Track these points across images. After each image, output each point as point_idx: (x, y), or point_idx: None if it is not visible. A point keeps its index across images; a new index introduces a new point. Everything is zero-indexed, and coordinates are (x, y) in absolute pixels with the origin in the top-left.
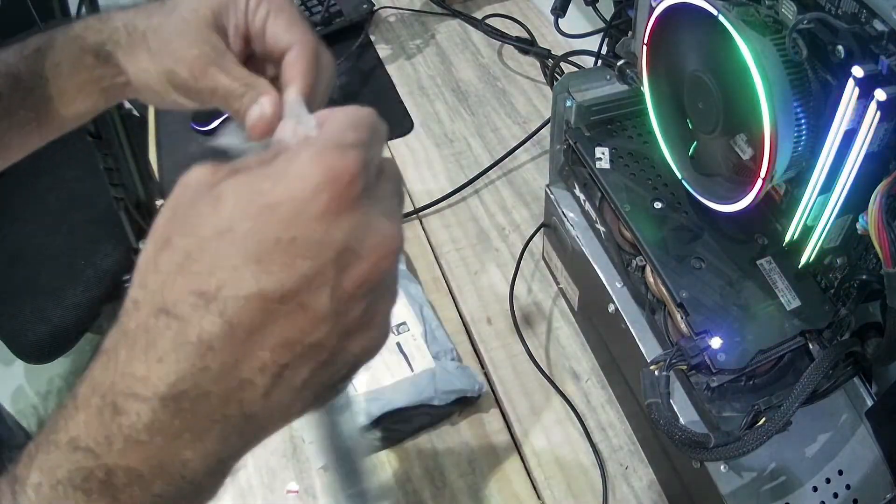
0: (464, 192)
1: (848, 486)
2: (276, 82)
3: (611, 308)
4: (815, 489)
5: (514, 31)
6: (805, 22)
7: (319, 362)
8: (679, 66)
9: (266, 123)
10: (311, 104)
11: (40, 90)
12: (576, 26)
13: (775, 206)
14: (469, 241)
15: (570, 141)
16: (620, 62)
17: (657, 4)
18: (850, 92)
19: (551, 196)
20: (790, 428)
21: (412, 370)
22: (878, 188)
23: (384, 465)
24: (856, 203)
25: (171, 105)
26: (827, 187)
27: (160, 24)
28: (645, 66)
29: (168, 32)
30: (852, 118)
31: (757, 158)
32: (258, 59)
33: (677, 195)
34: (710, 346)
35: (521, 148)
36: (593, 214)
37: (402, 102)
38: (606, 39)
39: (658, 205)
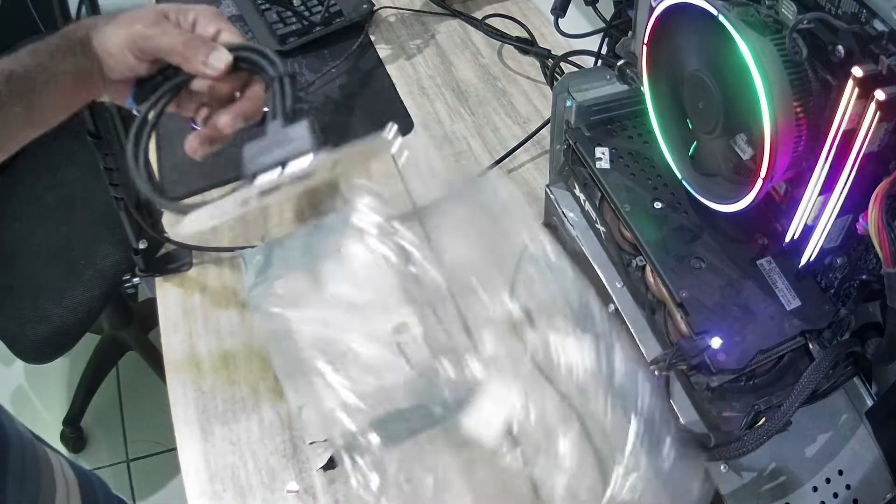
0: None
1: (848, 486)
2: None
3: (611, 308)
4: (815, 489)
5: (514, 31)
6: (805, 22)
7: None
8: (679, 66)
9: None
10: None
11: (30, 81)
12: (576, 26)
13: (775, 206)
14: None
15: (570, 141)
16: (620, 62)
17: (657, 4)
18: (850, 92)
19: (551, 196)
20: (790, 428)
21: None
22: (878, 188)
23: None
24: (856, 203)
25: (125, 70)
26: (827, 187)
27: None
28: (645, 66)
29: (129, 18)
30: (852, 118)
31: (757, 158)
32: None
33: (677, 195)
34: (710, 346)
35: (521, 148)
36: (593, 214)
37: (402, 102)
38: (606, 39)
39: (658, 205)
